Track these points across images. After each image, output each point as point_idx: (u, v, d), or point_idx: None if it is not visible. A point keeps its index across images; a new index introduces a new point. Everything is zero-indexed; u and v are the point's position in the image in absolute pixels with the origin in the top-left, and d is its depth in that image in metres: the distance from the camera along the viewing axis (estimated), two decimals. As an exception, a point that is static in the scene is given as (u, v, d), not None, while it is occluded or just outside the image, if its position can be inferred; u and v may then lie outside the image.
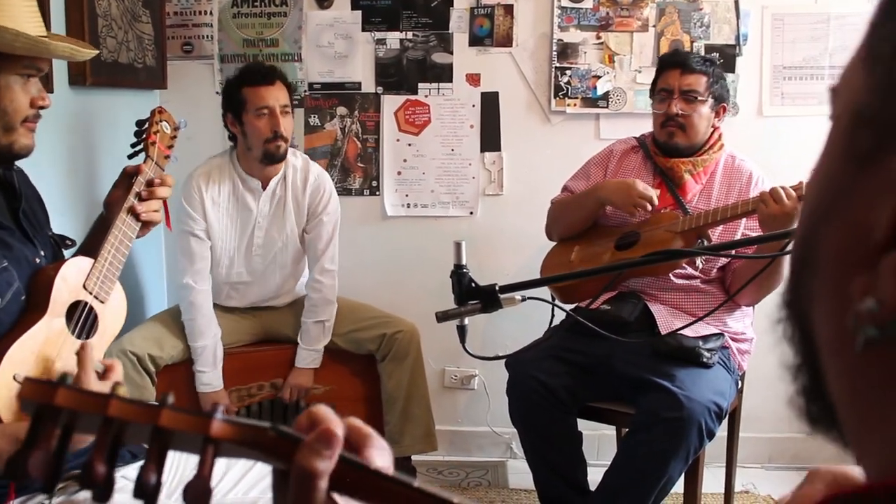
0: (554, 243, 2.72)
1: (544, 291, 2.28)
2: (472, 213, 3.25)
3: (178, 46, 3.19)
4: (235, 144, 2.77)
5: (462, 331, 1.77)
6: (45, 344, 1.48)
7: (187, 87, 3.18)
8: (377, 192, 3.25)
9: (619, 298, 2.45)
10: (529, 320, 2.30)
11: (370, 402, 2.91)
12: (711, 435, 2.22)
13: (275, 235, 2.78)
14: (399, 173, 3.24)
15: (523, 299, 1.79)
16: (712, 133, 2.53)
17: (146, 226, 1.77)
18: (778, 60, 3.09)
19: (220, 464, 1.81)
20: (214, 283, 2.79)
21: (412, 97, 3.20)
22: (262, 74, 2.68)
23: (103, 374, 1.46)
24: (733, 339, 2.46)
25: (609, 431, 3.07)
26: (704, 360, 2.30)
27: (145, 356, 2.57)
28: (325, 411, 0.69)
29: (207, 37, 3.19)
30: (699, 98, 2.46)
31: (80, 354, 1.44)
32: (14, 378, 1.40)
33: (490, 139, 3.21)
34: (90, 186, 2.69)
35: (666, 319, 2.39)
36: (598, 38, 3.11)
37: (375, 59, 3.18)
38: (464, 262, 1.75)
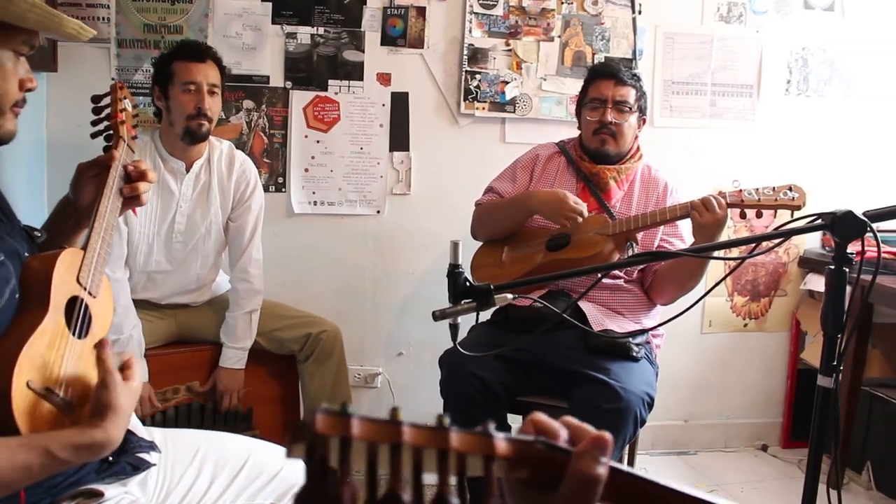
0: (479, 243, 2.79)
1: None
2: (379, 212, 3.25)
3: (69, 27, 2.96)
4: (160, 122, 2.63)
5: (455, 329, 1.80)
6: (50, 346, 1.35)
7: (80, 72, 2.96)
8: (283, 189, 3.18)
9: (550, 296, 2.55)
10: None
11: (287, 403, 2.84)
12: (643, 423, 2.38)
13: (198, 221, 2.65)
14: (306, 170, 3.18)
15: (514, 298, 1.85)
16: (633, 143, 2.69)
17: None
18: (668, 75, 3.34)
19: (206, 474, 1.72)
20: (131, 274, 2.62)
21: (322, 93, 3.15)
22: (194, 50, 2.58)
23: (122, 370, 1.35)
24: (651, 336, 2.64)
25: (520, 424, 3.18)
26: (634, 353, 2.45)
27: None
28: (544, 417, 0.72)
29: (103, 19, 2.98)
30: (630, 109, 2.61)
31: (101, 353, 1.32)
32: (27, 385, 1.27)
33: (399, 139, 3.22)
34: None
35: (596, 316, 2.52)
36: (507, 44, 3.21)
37: (285, 53, 3.11)
38: (459, 261, 1.78)
